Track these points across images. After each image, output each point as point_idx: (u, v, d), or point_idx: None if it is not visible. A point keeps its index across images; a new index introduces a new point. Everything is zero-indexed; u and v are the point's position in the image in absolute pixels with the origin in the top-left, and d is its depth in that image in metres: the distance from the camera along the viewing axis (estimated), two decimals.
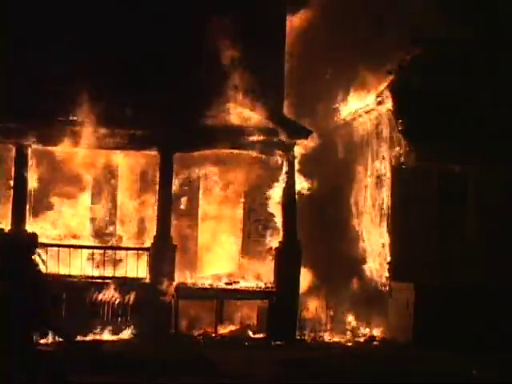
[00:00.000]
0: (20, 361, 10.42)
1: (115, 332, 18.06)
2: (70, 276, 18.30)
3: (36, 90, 18.20)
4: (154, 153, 19.05)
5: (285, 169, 19.05)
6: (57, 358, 11.67)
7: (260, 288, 19.04)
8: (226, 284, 19.08)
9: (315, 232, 20.64)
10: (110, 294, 18.25)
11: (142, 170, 20.04)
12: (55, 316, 17.40)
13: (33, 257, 10.93)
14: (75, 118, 18.38)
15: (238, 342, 18.19)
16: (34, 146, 18.71)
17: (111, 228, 19.99)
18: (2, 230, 18.29)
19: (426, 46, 19.09)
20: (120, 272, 18.57)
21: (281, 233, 19.18)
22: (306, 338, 18.87)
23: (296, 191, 19.18)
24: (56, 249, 18.48)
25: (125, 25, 18.74)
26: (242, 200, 20.47)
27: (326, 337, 19.15)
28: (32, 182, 18.98)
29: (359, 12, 20.92)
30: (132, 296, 18.31)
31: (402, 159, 19.27)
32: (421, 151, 18.85)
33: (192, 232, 20.23)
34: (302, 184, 19.38)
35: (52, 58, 18.39)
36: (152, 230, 19.13)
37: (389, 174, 19.88)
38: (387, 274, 19.63)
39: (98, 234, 19.83)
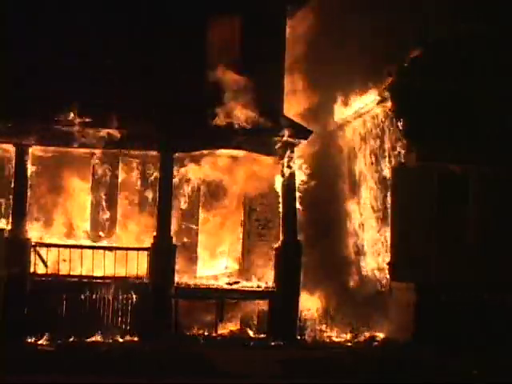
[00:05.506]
0: None
1: (115, 332, 18.05)
2: (69, 276, 18.30)
3: (36, 91, 18.20)
4: (154, 153, 19.06)
5: (285, 169, 19.05)
6: None
7: (260, 288, 19.05)
8: (227, 284, 19.09)
9: (315, 232, 20.64)
10: (110, 294, 18.24)
11: (141, 169, 20.02)
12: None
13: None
14: (75, 118, 18.38)
15: (237, 341, 18.20)
16: (34, 146, 18.71)
17: (111, 228, 19.97)
18: (2, 230, 18.46)
19: (426, 46, 19.08)
20: (120, 272, 18.55)
21: (281, 233, 19.19)
22: (306, 337, 18.86)
23: (296, 191, 19.17)
24: (56, 249, 18.52)
25: (125, 25, 18.77)
26: (243, 200, 20.46)
27: (326, 337, 19.15)
28: (32, 182, 18.97)
29: (359, 12, 20.93)
30: (132, 296, 18.31)
31: (403, 159, 19.27)
32: (421, 151, 18.84)
33: (192, 232, 20.22)
34: (301, 184, 19.38)
35: (52, 58, 18.40)
36: (152, 229, 19.14)
37: (389, 174, 19.88)
38: (387, 274, 19.62)
39: (98, 233, 19.81)
